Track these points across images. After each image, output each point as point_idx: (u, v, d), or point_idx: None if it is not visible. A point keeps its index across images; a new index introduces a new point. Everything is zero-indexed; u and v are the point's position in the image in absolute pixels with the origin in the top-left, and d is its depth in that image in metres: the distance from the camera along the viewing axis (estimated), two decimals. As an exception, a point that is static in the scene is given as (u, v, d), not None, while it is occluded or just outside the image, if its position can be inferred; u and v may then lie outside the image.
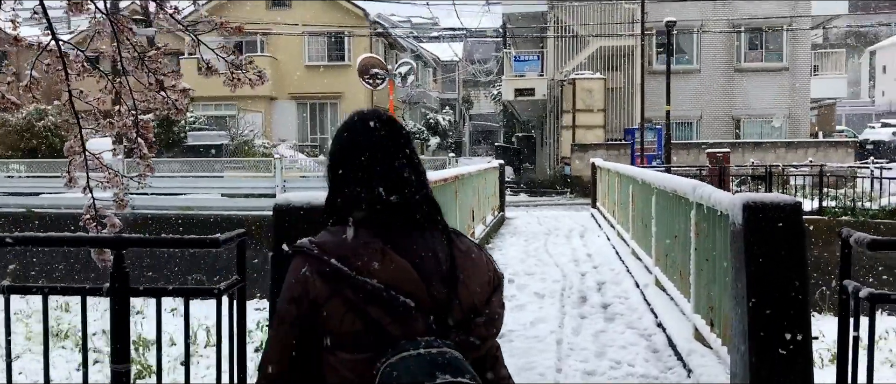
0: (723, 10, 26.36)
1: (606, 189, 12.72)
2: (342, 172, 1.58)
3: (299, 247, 1.49)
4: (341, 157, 1.59)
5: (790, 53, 26.43)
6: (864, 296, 2.80)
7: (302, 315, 1.45)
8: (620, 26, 25.46)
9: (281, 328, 1.48)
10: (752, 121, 26.68)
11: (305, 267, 1.45)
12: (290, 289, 1.47)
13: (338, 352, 1.44)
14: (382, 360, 1.40)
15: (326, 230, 1.54)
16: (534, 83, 25.46)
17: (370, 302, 1.42)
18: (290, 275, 1.48)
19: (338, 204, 1.57)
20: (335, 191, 1.59)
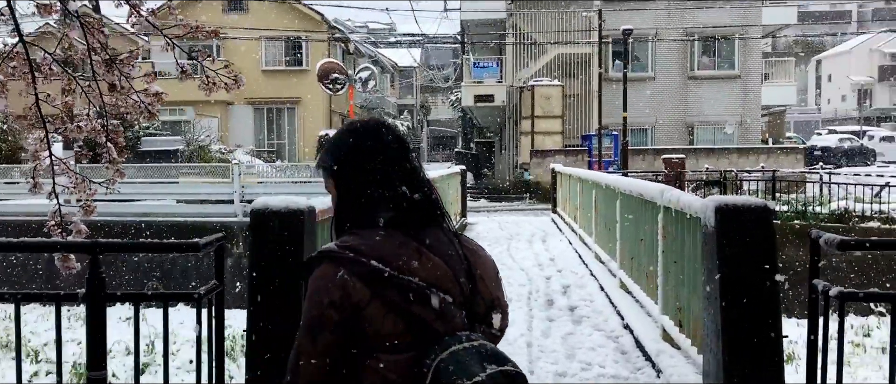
0: (677, 19, 26.91)
1: (567, 194, 12.87)
2: (359, 176, 1.57)
3: (329, 252, 1.48)
4: (355, 162, 1.59)
5: (742, 61, 27.10)
6: (834, 294, 2.90)
7: (344, 319, 1.44)
8: (577, 34, 25.81)
9: (320, 335, 1.45)
10: (705, 127, 27.26)
11: (341, 270, 1.44)
12: (327, 294, 1.44)
13: (378, 354, 1.44)
14: (432, 357, 1.43)
15: (351, 233, 1.53)
16: (493, 89, 25.63)
17: (414, 301, 1.44)
18: (322, 280, 1.46)
19: (361, 206, 1.56)
20: (355, 194, 1.57)
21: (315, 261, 1.48)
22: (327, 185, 1.65)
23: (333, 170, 1.61)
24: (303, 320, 1.47)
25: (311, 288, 1.46)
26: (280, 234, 3.52)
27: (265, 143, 30.37)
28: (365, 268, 1.44)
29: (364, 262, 1.44)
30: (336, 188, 1.60)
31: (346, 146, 1.62)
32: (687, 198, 4.37)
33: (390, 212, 1.53)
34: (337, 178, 1.61)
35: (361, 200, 1.56)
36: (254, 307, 3.48)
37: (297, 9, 29.95)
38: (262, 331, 3.43)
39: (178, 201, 18.53)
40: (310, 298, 1.46)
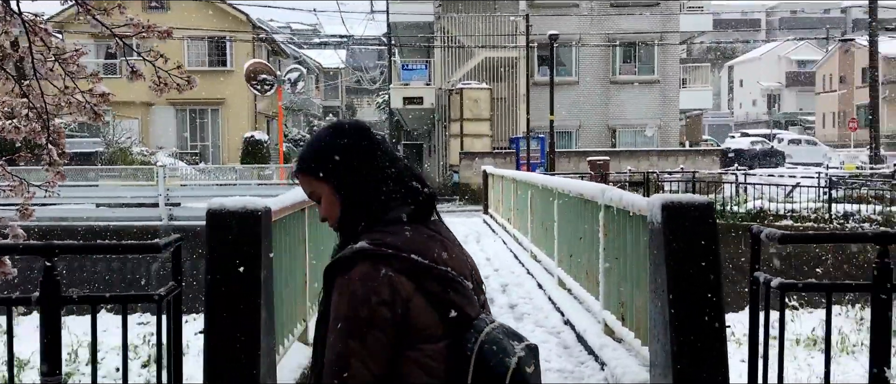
0: (599, 25, 27.64)
1: (501, 195, 13.07)
2: (367, 175, 1.56)
3: (365, 251, 1.46)
4: (358, 162, 1.56)
5: (661, 67, 28.03)
6: (775, 285, 3.10)
7: (395, 316, 1.42)
8: (504, 38, 26.19)
9: (370, 335, 1.41)
10: (626, 130, 28.07)
11: (383, 268, 1.43)
12: (375, 293, 1.41)
13: (422, 346, 1.45)
14: (472, 341, 1.47)
15: (376, 231, 1.51)
16: (422, 92, 25.73)
17: (451, 290, 1.48)
18: (366, 280, 1.42)
19: (378, 203, 1.55)
20: (366, 193, 1.55)
21: (349, 261, 1.45)
22: (314, 189, 1.61)
23: (329, 172, 1.58)
24: (344, 323, 1.42)
25: (353, 288, 1.43)
26: (238, 235, 3.50)
27: (188, 145, 29.61)
28: (407, 263, 1.45)
29: (404, 258, 1.45)
30: (336, 190, 1.57)
31: (339, 147, 1.59)
32: (630, 196, 4.56)
33: (409, 207, 1.56)
34: (335, 179, 1.57)
35: (379, 198, 1.55)
36: (212, 309, 3.46)
37: (220, 8, 29.34)
38: (222, 332, 3.41)
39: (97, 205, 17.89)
40: (353, 299, 1.42)
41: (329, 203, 1.58)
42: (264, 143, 26.62)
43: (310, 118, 45.81)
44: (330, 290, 1.47)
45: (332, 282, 1.47)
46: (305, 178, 1.61)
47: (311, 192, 1.62)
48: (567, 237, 6.75)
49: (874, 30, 24.80)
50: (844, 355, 7.50)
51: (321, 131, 1.67)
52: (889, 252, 3.02)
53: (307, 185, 1.62)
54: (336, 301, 1.44)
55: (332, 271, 1.47)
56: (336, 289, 1.45)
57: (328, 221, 1.62)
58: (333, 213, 1.59)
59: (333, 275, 1.47)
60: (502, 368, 1.48)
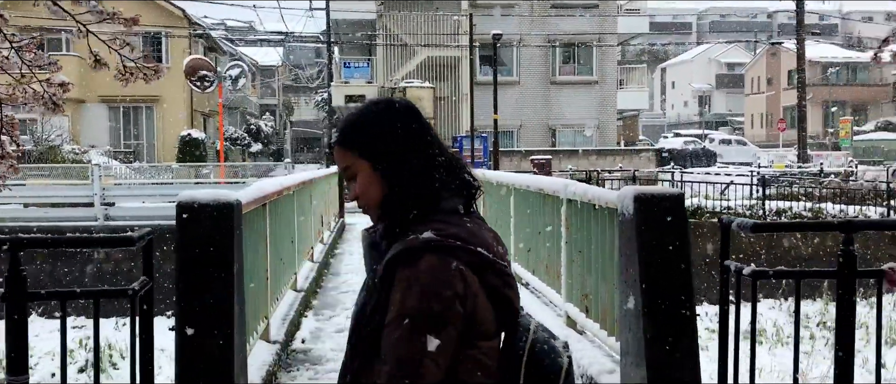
0: (540, 26, 27.99)
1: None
2: (419, 160, 1.47)
3: (436, 242, 1.36)
4: (409, 143, 1.49)
5: (599, 68, 28.58)
6: (747, 273, 3.19)
7: (466, 311, 1.34)
8: (447, 37, 26.27)
9: (443, 331, 1.31)
10: (566, 130, 28.51)
11: (454, 261, 1.34)
12: (449, 287, 1.33)
13: (480, 343, 1.37)
14: (523, 339, 1.44)
15: (437, 221, 1.42)
16: (364, 90, 25.58)
17: (506, 285, 1.42)
18: (437, 272, 1.33)
19: (431, 191, 1.45)
20: (417, 179, 1.46)
21: (415, 252, 1.35)
22: (351, 165, 1.49)
23: (374, 150, 1.47)
24: (413, 320, 1.31)
25: (423, 281, 1.33)
26: (211, 229, 3.42)
27: (122, 144, 28.72)
28: (474, 257, 1.37)
29: (472, 250, 1.37)
30: (376, 170, 1.47)
31: (388, 125, 1.49)
32: (596, 190, 4.63)
33: (462, 198, 1.48)
34: (379, 159, 1.46)
35: (432, 185, 1.46)
36: (184, 305, 3.36)
37: (156, 3, 28.56)
38: (195, 329, 3.32)
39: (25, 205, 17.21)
40: (424, 293, 1.31)
41: (366, 183, 1.47)
42: (201, 142, 26.03)
43: (246, 116, 45.00)
44: (389, 284, 1.36)
45: (392, 275, 1.36)
46: (344, 152, 1.50)
47: (346, 168, 1.51)
48: (525, 232, 6.81)
49: (801, 35, 25.81)
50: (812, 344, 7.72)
51: (368, 106, 1.55)
52: (853, 240, 3.14)
53: (344, 160, 1.50)
54: (401, 295, 1.33)
55: (395, 263, 1.36)
56: (400, 282, 1.34)
57: (361, 203, 1.51)
58: (370, 195, 1.48)
59: (395, 266, 1.36)
60: (556, 368, 1.47)
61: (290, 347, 5.43)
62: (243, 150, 38.59)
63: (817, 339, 6.65)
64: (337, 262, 9.88)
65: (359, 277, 8.40)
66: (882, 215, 17.11)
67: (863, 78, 50.37)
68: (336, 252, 10.94)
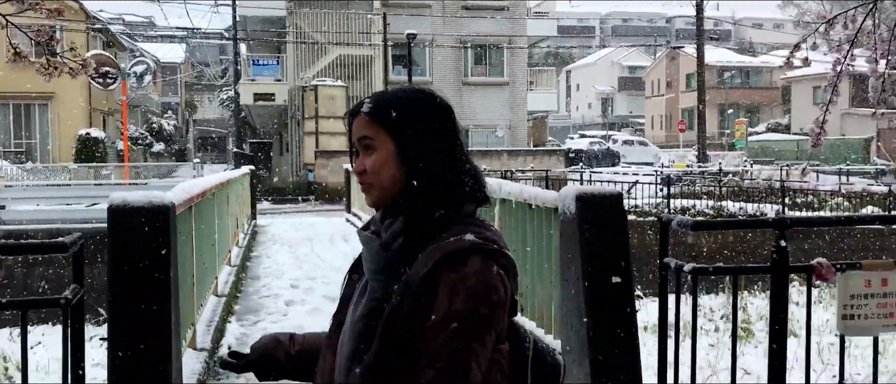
0: (451, 26, 28.18)
1: (366, 193, 12.96)
2: (450, 156, 1.40)
3: (480, 246, 1.32)
4: (443, 138, 1.42)
5: (510, 69, 29.03)
6: (688, 270, 3.29)
7: (504, 316, 1.32)
8: (360, 36, 26.08)
9: (488, 335, 1.30)
10: (478, 130, 28.81)
11: (494, 265, 1.31)
12: (495, 291, 1.30)
13: (500, 346, 1.35)
14: (527, 340, 1.43)
15: (469, 222, 1.38)
16: (274, 88, 25.10)
17: (516, 289, 1.40)
18: (483, 276, 1.30)
19: (457, 193, 1.40)
20: (452, 176, 1.40)
21: (462, 254, 1.31)
22: (373, 137, 1.40)
23: (406, 132, 1.39)
24: (462, 323, 1.27)
25: (471, 284, 1.29)
26: (146, 233, 3.25)
27: (12, 143, 27.10)
28: (508, 261, 1.34)
29: (506, 254, 1.34)
30: (399, 154, 1.39)
31: (427, 115, 1.42)
32: (531, 190, 4.68)
33: (478, 204, 1.44)
34: (408, 144, 1.39)
35: (462, 188, 1.41)
36: (118, 313, 3.19)
37: (49, -6, 27.10)
38: (130, 338, 3.15)
39: None
40: (474, 297, 1.28)
41: (383, 161, 1.39)
42: (101, 141, 24.88)
43: (148, 115, 43.33)
44: (433, 286, 1.30)
45: (436, 277, 1.30)
46: (370, 122, 1.40)
47: (362, 138, 1.41)
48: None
49: (701, 40, 26.97)
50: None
51: (409, 90, 1.47)
52: (785, 236, 3.29)
53: (364, 129, 1.41)
54: (449, 298, 1.28)
55: (441, 265, 1.30)
56: (445, 284, 1.29)
57: (367, 179, 1.42)
58: (383, 175, 1.40)
59: (440, 269, 1.30)
60: (557, 367, 1.47)
61: (216, 354, 5.24)
62: (145, 149, 37.16)
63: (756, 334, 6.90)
64: (255, 266, 9.63)
65: (280, 281, 8.20)
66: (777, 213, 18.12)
67: (755, 81, 53.17)
68: (252, 255, 10.66)
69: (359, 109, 1.45)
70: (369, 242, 1.43)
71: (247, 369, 1.67)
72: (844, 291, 3.32)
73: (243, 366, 1.67)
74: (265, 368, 1.65)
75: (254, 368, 1.66)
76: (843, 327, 3.34)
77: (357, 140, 1.44)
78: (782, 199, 19.10)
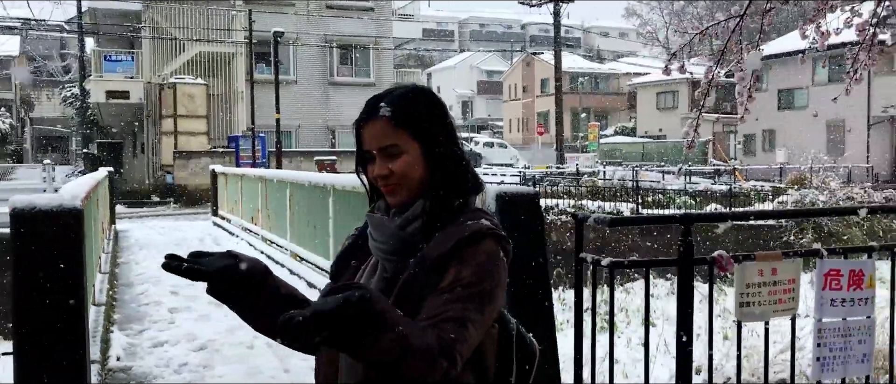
0: (317, 26, 27.80)
1: (239, 195, 12.58)
2: (459, 154, 1.51)
3: (494, 231, 1.43)
4: (453, 136, 1.52)
5: (376, 70, 29.03)
6: (606, 264, 3.48)
7: (502, 300, 1.44)
8: (220, 33, 25.17)
9: (488, 307, 1.38)
10: (346, 131, 28.57)
11: (501, 250, 1.43)
12: (499, 272, 1.40)
13: (494, 324, 1.47)
14: (512, 322, 1.55)
15: (480, 211, 1.49)
16: (128, 85, 23.73)
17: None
18: (492, 256, 1.40)
19: (474, 184, 1.52)
20: (465, 169, 1.51)
21: (479, 236, 1.40)
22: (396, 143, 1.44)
23: (428, 132, 1.46)
24: (467, 289, 1.36)
25: (481, 261, 1.39)
26: (56, 239, 3.04)
27: None
28: (510, 247, 1.47)
29: (508, 241, 1.46)
30: (430, 157, 1.46)
31: (440, 114, 1.51)
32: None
33: (477, 192, 1.54)
34: (431, 143, 1.46)
35: (473, 180, 1.53)
36: (24, 326, 2.95)
37: None
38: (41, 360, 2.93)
39: None
40: (481, 270, 1.38)
41: (412, 163, 1.45)
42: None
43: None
44: (449, 262, 1.38)
45: (455, 253, 1.38)
46: (396, 130, 1.44)
47: (391, 145, 1.44)
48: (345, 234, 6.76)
49: (558, 47, 28.15)
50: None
51: (412, 89, 1.51)
52: (691, 231, 3.55)
53: (391, 138, 1.44)
54: (459, 268, 1.37)
55: (462, 244, 1.39)
56: (460, 256, 1.38)
57: (393, 180, 1.46)
58: (412, 176, 1.46)
59: (462, 246, 1.39)
60: (534, 349, 1.60)
61: (107, 366, 4.94)
62: (-25, 150, 34.02)
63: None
64: (126, 272, 9.12)
65: (158, 288, 7.80)
66: (633, 211, 19.29)
67: (604, 87, 56.14)
68: (120, 261, 10.08)
69: (373, 113, 1.48)
70: (384, 225, 1.49)
71: (215, 277, 1.40)
72: (741, 281, 3.63)
73: (215, 272, 1.40)
74: (231, 287, 1.42)
75: (222, 279, 1.40)
76: (741, 314, 3.65)
77: (379, 148, 1.47)
78: (636, 198, 20.36)
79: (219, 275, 1.40)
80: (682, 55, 6.11)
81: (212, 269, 1.39)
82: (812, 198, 19.42)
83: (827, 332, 3.83)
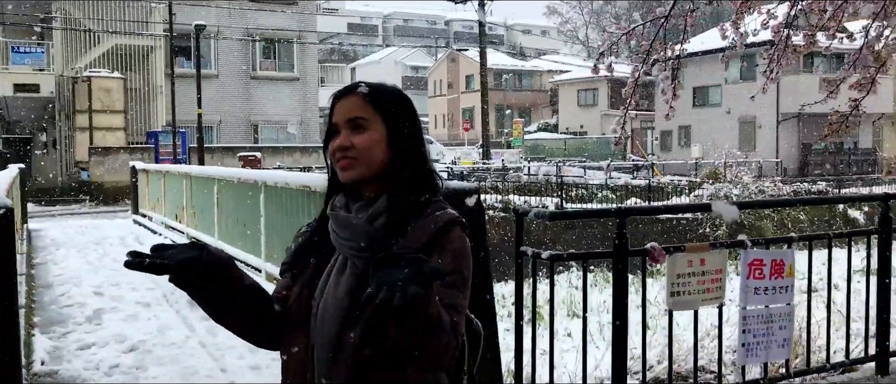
0: (238, 19, 27.22)
1: (163, 193, 12.23)
2: (425, 151, 1.58)
3: (460, 220, 1.50)
4: (421, 136, 1.59)
5: (300, 65, 28.64)
6: (546, 256, 3.58)
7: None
8: (138, 25, 24.35)
9: (466, 292, 1.46)
10: (269, 126, 28.15)
11: (467, 238, 1.50)
12: (469, 257, 1.48)
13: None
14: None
15: (437, 200, 1.54)
16: (38, 78, 22.69)
17: None
18: (464, 243, 1.48)
19: (433, 182, 1.57)
20: (429, 167, 1.57)
21: (451, 225, 1.47)
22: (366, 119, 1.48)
23: (397, 120, 1.51)
24: (459, 277, 1.43)
25: (457, 247, 1.45)
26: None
27: None
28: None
29: (467, 226, 1.53)
30: (392, 145, 1.50)
31: (412, 112, 1.57)
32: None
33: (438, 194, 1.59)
34: (398, 132, 1.51)
35: (434, 180, 1.57)
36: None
37: None
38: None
39: None
40: (459, 257, 1.45)
41: (373, 143, 1.49)
42: None
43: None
44: (428, 251, 1.42)
45: (435, 242, 1.44)
46: (367, 106, 1.49)
47: (356, 118, 1.49)
48: (278, 232, 6.70)
49: (484, 44, 28.42)
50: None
51: (394, 87, 1.59)
52: (626, 224, 3.69)
53: (359, 110, 1.49)
54: (440, 258, 1.42)
55: (439, 233, 1.45)
56: (440, 246, 1.44)
57: (351, 154, 1.48)
58: (372, 156, 1.48)
59: (438, 235, 1.45)
60: (480, 330, 1.67)
61: (32, 371, 4.76)
62: None
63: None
64: (43, 273, 8.76)
65: (80, 289, 7.53)
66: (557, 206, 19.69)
67: (527, 84, 56.95)
68: (36, 262, 9.68)
69: (351, 90, 1.54)
70: (351, 223, 1.50)
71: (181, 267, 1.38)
72: (672, 271, 3.80)
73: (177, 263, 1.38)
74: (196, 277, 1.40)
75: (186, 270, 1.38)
76: (672, 303, 3.82)
77: (346, 119, 1.50)
78: (560, 193, 20.80)
79: (182, 267, 1.38)
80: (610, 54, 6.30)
81: (175, 261, 1.38)
82: (726, 191, 20.28)
83: (751, 319, 4.04)
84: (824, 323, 4.34)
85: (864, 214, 19.57)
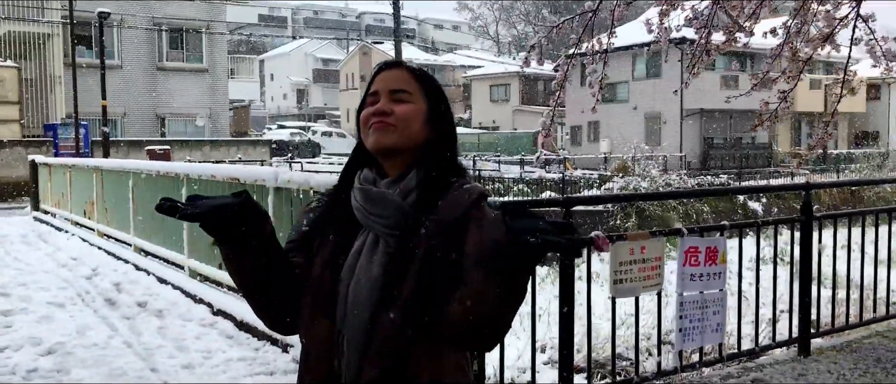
0: (143, 8, 26.14)
1: (67, 188, 11.62)
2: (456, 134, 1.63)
3: (488, 193, 1.52)
4: (454, 123, 1.62)
5: (209, 56, 27.75)
6: (496, 247, 3.59)
7: None
8: (33, 11, 23.02)
9: None
10: (176, 119, 27.17)
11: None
12: None
13: None
14: None
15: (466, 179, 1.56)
16: (-78, 67, 21.11)
17: None
18: (497, 215, 1.43)
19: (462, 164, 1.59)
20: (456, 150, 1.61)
21: (483, 198, 1.50)
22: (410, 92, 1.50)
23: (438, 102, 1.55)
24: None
25: (496, 220, 1.42)
26: None
27: None
28: None
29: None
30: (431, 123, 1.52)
31: (447, 100, 1.60)
32: (318, 177, 4.65)
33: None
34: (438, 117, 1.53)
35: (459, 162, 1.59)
36: None
37: None
38: None
39: None
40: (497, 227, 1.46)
41: (414, 116, 1.50)
42: None
43: None
44: (465, 222, 1.41)
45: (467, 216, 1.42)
46: (412, 80, 1.53)
47: (399, 90, 1.50)
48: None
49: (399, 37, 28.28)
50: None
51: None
52: (571, 214, 3.74)
53: (405, 84, 1.51)
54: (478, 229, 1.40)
55: (473, 205, 1.45)
56: (477, 218, 1.42)
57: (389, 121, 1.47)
58: (411, 128, 1.49)
59: (473, 206, 1.45)
60: None
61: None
62: None
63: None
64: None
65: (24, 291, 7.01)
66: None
67: (440, 79, 57.06)
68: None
69: (398, 63, 1.59)
70: (386, 198, 1.45)
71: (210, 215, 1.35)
72: (615, 259, 3.87)
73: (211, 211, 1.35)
74: (229, 220, 1.35)
75: (219, 215, 1.35)
76: (615, 291, 3.90)
77: (389, 89, 1.51)
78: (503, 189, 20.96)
79: (216, 211, 1.35)
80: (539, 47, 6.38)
81: (209, 207, 1.35)
82: (635, 184, 20.94)
83: (687, 305, 4.18)
84: (753, 307, 4.52)
85: (762, 206, 20.62)
